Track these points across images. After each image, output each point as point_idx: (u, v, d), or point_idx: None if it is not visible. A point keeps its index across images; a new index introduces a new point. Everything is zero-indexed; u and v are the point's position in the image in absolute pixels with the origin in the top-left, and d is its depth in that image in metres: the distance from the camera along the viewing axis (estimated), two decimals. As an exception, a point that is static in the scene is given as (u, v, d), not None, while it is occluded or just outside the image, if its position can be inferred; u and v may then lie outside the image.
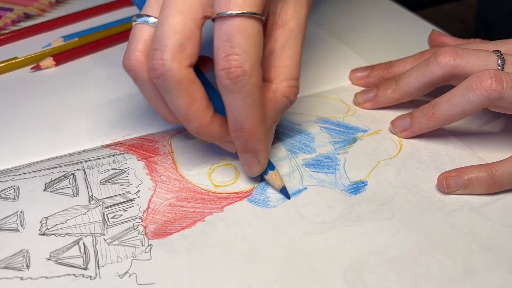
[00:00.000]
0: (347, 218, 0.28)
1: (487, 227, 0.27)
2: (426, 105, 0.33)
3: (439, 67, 0.31)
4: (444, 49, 0.32)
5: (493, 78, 0.29)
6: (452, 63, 0.31)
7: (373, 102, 0.36)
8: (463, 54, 0.31)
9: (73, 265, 0.25)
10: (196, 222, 0.27)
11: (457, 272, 0.25)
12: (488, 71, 0.29)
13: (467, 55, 0.31)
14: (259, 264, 0.25)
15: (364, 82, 0.39)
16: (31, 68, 0.42)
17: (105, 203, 0.28)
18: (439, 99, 0.32)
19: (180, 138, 0.33)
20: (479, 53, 0.31)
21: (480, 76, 0.29)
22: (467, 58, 0.31)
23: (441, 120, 0.32)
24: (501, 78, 0.29)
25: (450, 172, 0.30)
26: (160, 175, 0.30)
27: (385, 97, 0.36)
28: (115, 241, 0.26)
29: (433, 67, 0.32)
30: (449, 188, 0.29)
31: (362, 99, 0.37)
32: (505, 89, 0.29)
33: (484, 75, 0.29)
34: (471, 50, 0.31)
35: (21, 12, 0.49)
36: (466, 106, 0.30)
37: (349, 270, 0.25)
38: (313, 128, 0.35)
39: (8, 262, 0.25)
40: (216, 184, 0.30)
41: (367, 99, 0.37)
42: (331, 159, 0.32)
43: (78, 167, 0.30)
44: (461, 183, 0.29)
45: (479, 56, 0.31)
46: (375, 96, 0.36)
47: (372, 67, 0.39)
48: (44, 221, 0.27)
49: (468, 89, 0.30)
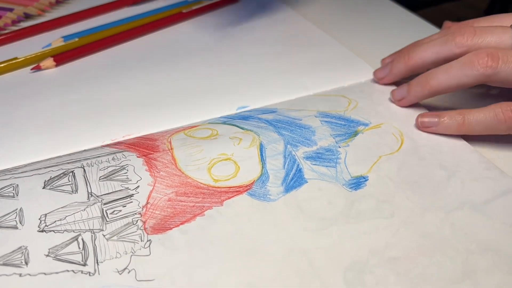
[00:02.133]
0: (347, 215, 0.27)
1: (487, 227, 0.27)
2: (422, 74, 0.35)
3: (457, 46, 0.33)
4: (463, 28, 0.33)
5: (489, 56, 0.31)
6: (469, 43, 0.33)
7: (388, 75, 0.38)
8: (481, 33, 0.33)
9: (72, 261, 0.24)
10: (196, 216, 0.27)
11: (456, 273, 0.25)
12: (486, 49, 0.31)
13: (484, 34, 0.33)
14: (259, 259, 0.25)
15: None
16: (31, 68, 0.42)
17: (104, 199, 0.28)
18: (436, 70, 0.34)
19: (180, 136, 0.33)
20: (495, 29, 0.33)
21: (478, 53, 0.31)
22: (484, 36, 0.32)
23: (435, 89, 0.34)
24: (497, 56, 0.31)
25: (427, 113, 0.34)
26: (159, 171, 0.30)
27: (397, 69, 0.37)
28: (114, 237, 0.26)
29: (450, 45, 0.33)
30: (423, 124, 0.34)
31: (380, 74, 0.39)
32: (500, 66, 0.31)
33: (482, 53, 0.31)
34: (488, 28, 0.33)
35: (21, 12, 0.49)
36: (462, 79, 0.32)
37: (348, 270, 0.25)
38: (313, 122, 0.34)
39: (7, 259, 0.25)
40: (215, 179, 0.29)
41: (384, 73, 0.38)
42: (332, 152, 0.32)
43: (78, 164, 0.30)
44: (434, 122, 0.33)
45: (495, 33, 0.32)
46: (390, 71, 0.38)
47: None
48: (43, 218, 0.27)
49: (466, 64, 0.32)
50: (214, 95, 0.38)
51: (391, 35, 0.48)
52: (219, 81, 0.40)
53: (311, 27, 0.49)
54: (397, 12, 0.54)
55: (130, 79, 0.41)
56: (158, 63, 0.43)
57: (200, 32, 0.49)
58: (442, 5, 1.26)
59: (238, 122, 0.34)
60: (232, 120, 0.35)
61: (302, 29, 0.49)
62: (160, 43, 0.47)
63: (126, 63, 0.43)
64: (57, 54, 0.43)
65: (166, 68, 0.42)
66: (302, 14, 0.52)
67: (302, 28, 0.49)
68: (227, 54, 0.45)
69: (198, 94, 0.39)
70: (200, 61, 0.44)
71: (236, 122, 0.34)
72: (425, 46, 0.35)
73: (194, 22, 0.52)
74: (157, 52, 0.45)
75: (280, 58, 0.44)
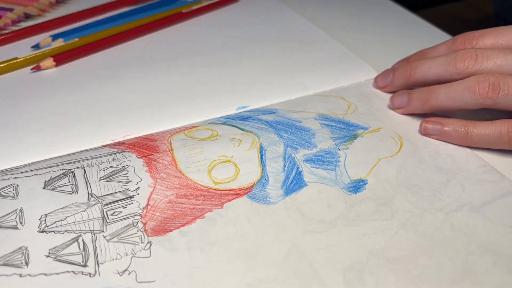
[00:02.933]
0: (347, 217, 0.28)
1: (487, 227, 0.27)
2: (424, 88, 0.35)
3: (457, 72, 0.33)
4: (465, 52, 0.33)
5: (491, 86, 0.31)
6: (470, 70, 0.33)
7: (389, 86, 0.38)
8: (482, 59, 0.33)
9: (72, 262, 0.25)
10: (196, 218, 0.27)
11: (456, 273, 0.25)
12: (488, 78, 0.31)
13: (486, 59, 0.32)
14: (259, 261, 0.25)
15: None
16: (31, 68, 0.42)
17: (105, 200, 0.28)
18: (438, 88, 0.34)
19: (180, 136, 0.33)
20: (498, 55, 0.32)
21: (480, 82, 0.31)
22: (485, 63, 0.32)
23: (435, 108, 0.34)
24: (499, 86, 0.31)
25: (432, 119, 0.34)
26: (159, 172, 0.30)
27: (399, 81, 0.37)
28: (114, 238, 0.26)
29: (452, 70, 0.33)
30: (426, 130, 0.34)
31: (381, 83, 0.39)
32: (500, 97, 0.31)
33: (484, 82, 0.31)
34: (490, 53, 0.33)
35: (21, 12, 0.49)
36: (461, 104, 0.32)
37: (348, 271, 0.25)
38: (313, 124, 0.34)
39: (7, 259, 0.25)
40: (215, 181, 0.29)
41: (385, 83, 0.38)
42: (332, 155, 0.32)
43: (78, 165, 0.30)
44: (438, 130, 0.33)
45: (497, 58, 0.32)
46: (391, 82, 0.38)
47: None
48: (44, 218, 0.27)
49: (466, 90, 0.32)
50: (214, 95, 0.38)
51: (391, 35, 0.48)
52: (219, 81, 0.41)
53: (310, 26, 0.49)
54: (397, 12, 0.54)
55: (130, 79, 0.41)
56: (158, 63, 0.43)
57: (200, 32, 0.49)
58: (442, 5, 1.26)
59: (238, 123, 0.35)
60: (232, 120, 0.35)
61: (302, 28, 0.49)
62: (160, 43, 0.47)
63: (126, 63, 0.43)
64: (57, 54, 0.43)
65: (166, 68, 0.42)
66: (302, 14, 0.52)
67: (302, 28, 0.49)
68: (227, 54, 0.45)
69: (198, 94, 0.39)
70: (200, 61, 0.44)
71: (236, 122, 0.35)
72: (428, 65, 0.35)
73: (194, 22, 0.52)
74: (157, 52, 0.45)
75: (280, 58, 0.44)
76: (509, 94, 0.31)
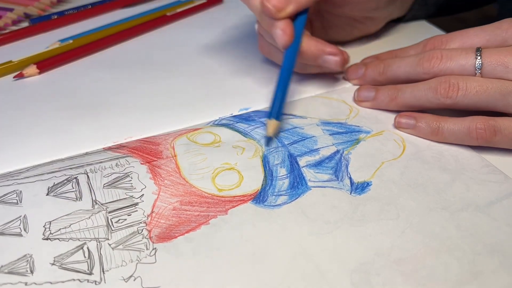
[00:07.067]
0: (352, 217, 0.28)
1: (493, 228, 0.27)
2: (391, 86, 0.36)
3: (424, 72, 0.35)
4: (431, 53, 0.35)
5: (451, 87, 0.33)
6: (435, 70, 0.34)
7: (361, 79, 0.39)
8: (446, 60, 0.34)
9: (77, 270, 0.25)
10: (201, 225, 0.27)
11: (463, 274, 0.25)
12: (449, 78, 0.33)
13: (449, 60, 0.34)
14: (265, 265, 0.25)
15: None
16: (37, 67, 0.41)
17: (109, 207, 0.28)
18: (404, 87, 0.35)
19: (183, 141, 0.33)
20: (460, 55, 0.34)
21: (442, 82, 0.33)
22: (449, 63, 0.34)
23: (400, 106, 0.36)
24: (457, 87, 0.32)
25: (406, 113, 0.35)
26: (163, 179, 0.30)
27: (370, 77, 0.39)
28: (119, 246, 0.26)
29: (419, 70, 0.35)
30: (399, 124, 0.35)
31: (353, 75, 0.40)
32: (458, 97, 0.32)
33: (445, 82, 0.33)
34: (454, 54, 0.34)
35: (21, 12, 0.49)
36: (425, 103, 0.34)
37: (355, 272, 0.25)
38: (315, 131, 0.34)
39: (12, 267, 0.25)
40: (220, 188, 0.29)
41: (357, 76, 0.40)
42: (335, 161, 0.32)
43: (81, 170, 0.30)
44: (411, 124, 0.34)
45: (459, 59, 0.34)
46: (363, 75, 0.39)
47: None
48: (48, 225, 0.27)
49: (429, 90, 0.33)
50: (216, 97, 0.38)
51: (391, 35, 0.49)
52: (220, 82, 0.41)
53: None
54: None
55: (129, 80, 0.41)
56: (157, 64, 0.43)
57: (200, 32, 0.49)
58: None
59: (240, 126, 0.35)
60: (234, 123, 0.35)
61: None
62: (159, 45, 0.47)
63: (126, 64, 0.43)
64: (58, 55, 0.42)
65: (165, 70, 0.42)
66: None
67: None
68: (227, 54, 0.45)
69: (199, 96, 0.39)
70: (200, 62, 0.44)
71: (238, 126, 0.35)
72: (398, 65, 0.37)
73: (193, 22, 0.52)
74: (157, 53, 0.45)
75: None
76: (467, 94, 0.32)
